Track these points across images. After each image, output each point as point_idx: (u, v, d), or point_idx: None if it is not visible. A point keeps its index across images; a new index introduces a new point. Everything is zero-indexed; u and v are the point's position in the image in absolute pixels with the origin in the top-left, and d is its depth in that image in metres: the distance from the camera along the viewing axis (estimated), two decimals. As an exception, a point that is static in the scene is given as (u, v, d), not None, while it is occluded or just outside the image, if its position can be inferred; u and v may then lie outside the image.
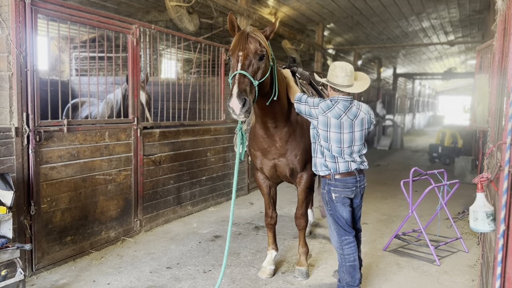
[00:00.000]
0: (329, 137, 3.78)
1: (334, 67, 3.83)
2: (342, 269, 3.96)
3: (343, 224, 3.91)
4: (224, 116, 7.81)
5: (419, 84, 36.29)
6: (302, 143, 4.29)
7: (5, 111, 4.16)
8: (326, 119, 3.75)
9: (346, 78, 3.75)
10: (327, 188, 3.93)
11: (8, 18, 4.09)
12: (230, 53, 3.63)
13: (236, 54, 3.55)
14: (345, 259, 3.92)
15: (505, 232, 2.45)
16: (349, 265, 3.91)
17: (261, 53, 3.58)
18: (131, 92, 5.63)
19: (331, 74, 3.82)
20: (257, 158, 4.49)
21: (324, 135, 3.80)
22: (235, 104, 3.34)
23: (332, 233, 4.02)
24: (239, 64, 3.50)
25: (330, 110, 3.75)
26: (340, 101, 3.79)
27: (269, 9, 11.75)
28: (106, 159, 5.23)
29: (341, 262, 3.97)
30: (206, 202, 7.32)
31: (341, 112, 3.76)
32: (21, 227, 4.21)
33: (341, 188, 3.87)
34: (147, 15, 11.22)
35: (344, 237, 3.91)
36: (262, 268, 4.69)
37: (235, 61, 3.55)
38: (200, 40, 7.29)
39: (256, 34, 3.62)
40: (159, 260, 4.95)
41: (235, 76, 3.46)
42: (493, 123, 4.12)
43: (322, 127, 3.79)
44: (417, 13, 14.63)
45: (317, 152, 3.95)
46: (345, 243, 3.91)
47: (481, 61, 6.84)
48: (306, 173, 4.43)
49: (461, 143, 13.32)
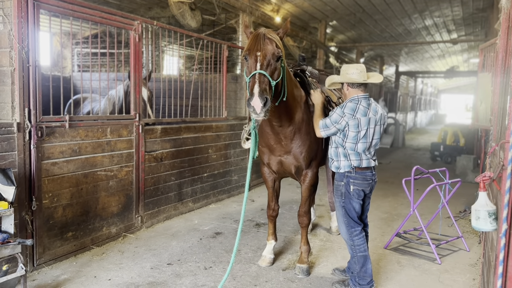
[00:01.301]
0: (359, 136, 3.88)
1: (347, 67, 3.98)
2: (354, 260, 4.10)
3: (353, 216, 4.04)
4: (226, 113, 7.80)
5: (421, 82, 36.19)
6: (308, 141, 4.33)
7: (7, 106, 4.16)
8: (357, 121, 3.86)
9: (361, 74, 3.90)
10: (345, 181, 4.00)
11: (10, 13, 4.08)
12: (247, 52, 3.68)
13: (254, 54, 3.59)
14: (356, 249, 4.05)
15: (507, 231, 2.45)
16: (360, 255, 4.05)
17: (278, 54, 3.66)
18: (133, 89, 5.62)
19: (345, 74, 3.95)
20: (265, 154, 4.56)
21: (354, 136, 3.88)
22: (257, 103, 3.38)
23: (341, 225, 4.14)
24: (258, 64, 3.55)
25: (357, 111, 3.86)
26: (361, 99, 3.92)
27: (271, 6, 11.71)
28: (108, 155, 5.23)
29: (352, 253, 4.11)
30: (207, 199, 7.33)
31: (366, 110, 3.89)
32: (22, 222, 4.22)
33: (361, 180, 3.98)
34: (149, 11, 11.20)
35: (353, 228, 4.04)
36: (262, 257, 4.83)
37: (253, 61, 3.59)
38: (202, 36, 7.28)
39: (272, 35, 3.70)
40: (160, 256, 4.96)
41: (255, 76, 3.50)
42: (495, 122, 4.10)
43: (353, 130, 3.87)
44: (420, 11, 14.58)
45: (340, 155, 4.01)
46: (355, 234, 4.04)
47: (484, 59, 6.81)
48: (311, 171, 4.48)
49: (463, 142, 13.30)
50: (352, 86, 3.96)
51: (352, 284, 4.14)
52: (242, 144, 5.00)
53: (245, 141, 4.99)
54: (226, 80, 7.81)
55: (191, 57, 15.44)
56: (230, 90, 8.87)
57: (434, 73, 28.92)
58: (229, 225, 6.20)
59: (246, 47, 3.71)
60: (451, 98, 50.63)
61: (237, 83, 8.99)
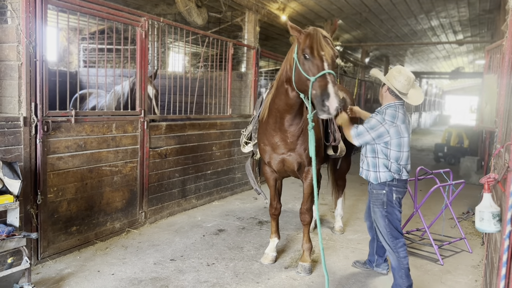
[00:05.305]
0: (403, 143, 3.85)
1: (399, 72, 3.92)
2: (400, 273, 3.90)
3: (397, 226, 3.94)
4: (230, 111, 7.82)
5: (426, 83, 36.04)
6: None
7: (14, 100, 4.19)
8: (398, 128, 3.83)
9: (406, 86, 3.87)
10: (387, 189, 3.90)
11: (18, 8, 4.10)
12: (308, 51, 3.61)
13: (319, 54, 3.57)
14: (401, 261, 3.89)
15: (511, 233, 2.45)
16: (407, 267, 3.89)
17: (337, 55, 3.69)
18: (139, 85, 5.64)
19: (394, 76, 3.91)
20: (266, 153, 4.55)
21: (398, 143, 3.84)
22: (333, 103, 3.39)
23: (385, 236, 3.98)
24: (326, 64, 3.55)
25: (398, 118, 3.84)
26: (399, 106, 3.91)
27: (277, 4, 11.70)
28: (113, 151, 5.25)
29: (398, 265, 3.91)
30: (211, 196, 7.35)
31: (404, 117, 3.88)
32: (27, 216, 4.25)
33: (402, 188, 3.92)
34: (155, 8, 11.20)
35: (398, 240, 3.92)
36: (265, 255, 4.84)
37: (320, 60, 3.57)
38: (208, 34, 7.29)
39: (327, 35, 3.72)
40: (163, 252, 4.98)
41: (325, 75, 3.50)
42: (501, 123, 4.10)
43: (395, 137, 3.83)
44: (427, 11, 14.51)
45: (379, 166, 3.93)
46: (400, 246, 3.91)
47: (490, 61, 6.79)
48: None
49: (467, 143, 13.24)
50: (391, 93, 3.94)
51: None
52: (241, 148, 5.04)
53: (244, 145, 5.01)
54: (231, 77, 7.82)
55: (196, 54, 15.44)
56: (235, 88, 8.88)
57: (439, 74, 28.81)
58: (232, 222, 6.21)
59: (307, 45, 3.64)
60: (455, 99, 50.40)
61: (242, 81, 8.99)
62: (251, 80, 8.75)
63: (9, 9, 4.14)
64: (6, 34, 4.20)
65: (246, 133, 5.03)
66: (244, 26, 9.58)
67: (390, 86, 3.91)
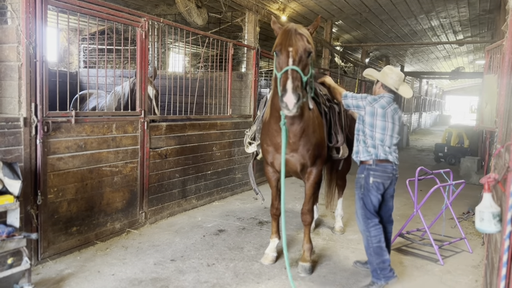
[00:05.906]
0: (375, 124, 4.11)
1: (391, 71, 4.29)
2: (369, 251, 4.17)
3: (370, 208, 4.18)
4: (230, 111, 7.81)
5: (426, 83, 36.07)
6: (314, 139, 4.35)
7: (14, 101, 4.19)
8: (374, 109, 4.13)
9: (397, 82, 4.22)
10: (365, 173, 4.20)
11: (18, 8, 4.10)
12: (278, 48, 3.67)
13: (286, 50, 3.59)
14: (371, 240, 4.14)
15: (511, 234, 2.44)
16: (376, 246, 4.13)
17: (309, 50, 3.68)
18: (139, 85, 5.64)
19: (386, 74, 4.25)
20: (269, 153, 4.53)
21: (370, 122, 4.12)
22: (290, 100, 3.40)
23: (358, 217, 4.28)
24: (291, 60, 3.56)
25: (377, 102, 4.15)
26: (385, 97, 4.20)
27: (277, 4, 11.70)
28: (113, 151, 5.25)
29: (367, 244, 4.18)
30: (211, 196, 7.35)
31: (386, 105, 4.13)
32: (27, 216, 4.25)
33: (380, 173, 4.14)
34: (155, 8, 11.21)
35: (370, 220, 4.16)
36: (265, 255, 4.84)
37: (285, 57, 3.59)
38: (208, 34, 7.29)
39: (302, 31, 3.72)
40: (163, 252, 4.98)
41: (288, 71, 3.51)
42: (501, 123, 4.10)
43: (369, 116, 4.14)
44: (427, 11, 14.52)
45: (360, 142, 4.26)
46: (371, 225, 4.16)
47: (490, 61, 6.78)
48: (315, 169, 4.48)
49: (467, 143, 13.24)
50: (384, 88, 4.25)
51: (375, 278, 4.15)
52: (245, 149, 5.04)
53: (248, 146, 5.00)
54: (231, 78, 7.82)
55: (196, 55, 15.44)
56: (235, 88, 8.88)
57: (439, 74, 28.78)
58: (232, 222, 6.21)
59: (277, 42, 3.69)
60: (456, 99, 50.43)
61: (242, 81, 9.00)
62: (251, 81, 8.76)
63: (9, 9, 4.14)
64: (6, 34, 4.20)
65: (250, 133, 5.02)
66: (244, 26, 9.59)
67: (384, 82, 4.23)
